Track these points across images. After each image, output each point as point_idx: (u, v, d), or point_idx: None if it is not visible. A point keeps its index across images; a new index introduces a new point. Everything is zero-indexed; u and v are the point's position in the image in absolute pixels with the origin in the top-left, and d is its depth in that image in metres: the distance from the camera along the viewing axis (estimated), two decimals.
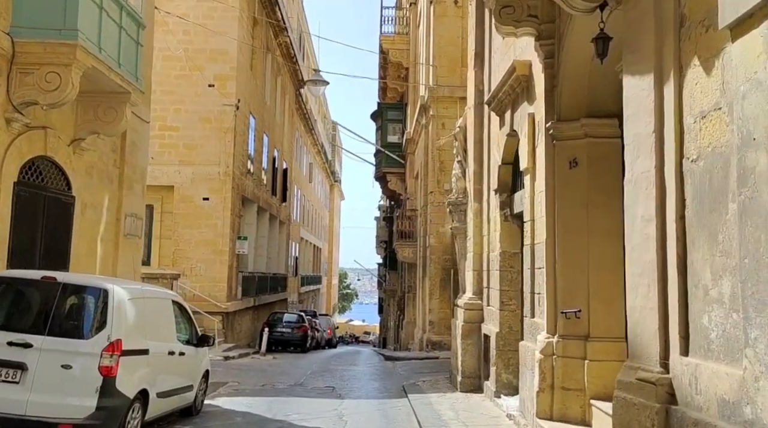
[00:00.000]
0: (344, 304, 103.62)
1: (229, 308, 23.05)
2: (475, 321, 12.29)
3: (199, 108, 23.40)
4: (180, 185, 23.25)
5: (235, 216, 24.18)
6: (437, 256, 19.96)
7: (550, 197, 7.48)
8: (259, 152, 29.13)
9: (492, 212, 11.71)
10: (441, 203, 19.90)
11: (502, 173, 10.91)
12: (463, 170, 13.69)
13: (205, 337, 9.82)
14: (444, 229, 20.00)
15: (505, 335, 10.64)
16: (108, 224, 12.05)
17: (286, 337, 26.58)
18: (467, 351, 12.21)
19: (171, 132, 23.34)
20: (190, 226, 23.09)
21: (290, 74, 37.91)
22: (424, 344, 20.34)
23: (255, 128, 27.80)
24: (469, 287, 12.82)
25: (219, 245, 23.14)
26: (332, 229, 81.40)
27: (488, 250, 11.89)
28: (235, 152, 23.75)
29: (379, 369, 17.55)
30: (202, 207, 23.21)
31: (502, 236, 10.85)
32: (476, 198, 12.65)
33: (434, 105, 20.16)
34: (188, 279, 22.85)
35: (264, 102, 29.91)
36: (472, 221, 12.70)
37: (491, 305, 11.48)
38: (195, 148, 23.35)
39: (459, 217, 13.58)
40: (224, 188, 23.32)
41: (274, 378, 14.96)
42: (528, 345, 8.44)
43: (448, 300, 19.79)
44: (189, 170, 23.26)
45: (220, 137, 23.37)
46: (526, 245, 8.94)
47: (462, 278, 13.62)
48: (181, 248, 23.04)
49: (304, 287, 50.90)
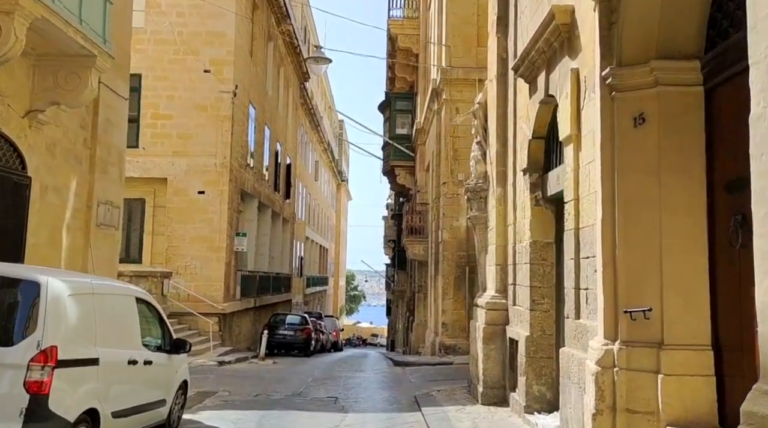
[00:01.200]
0: (352, 306, 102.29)
1: (226, 309, 21.48)
2: (498, 323, 10.65)
3: (194, 95, 21.86)
4: (173, 178, 21.72)
5: (233, 211, 22.62)
6: (451, 252, 18.32)
7: (607, 166, 5.84)
8: (260, 145, 27.58)
9: (519, 196, 10.08)
10: (455, 194, 18.30)
11: (532, 149, 9.28)
12: (483, 152, 12.06)
13: (181, 342, 8.23)
14: (458, 223, 18.39)
15: (537, 339, 9.01)
16: (76, 212, 10.49)
17: (288, 340, 25.00)
18: (489, 358, 10.57)
19: (164, 121, 21.81)
20: (185, 221, 21.55)
21: (294, 66, 36.38)
22: (436, 348, 18.70)
23: (255, 119, 26.25)
24: (491, 285, 11.19)
25: (215, 242, 21.58)
26: (339, 229, 79.96)
27: (514, 241, 10.26)
28: (233, 142, 22.19)
29: (388, 376, 15.93)
30: (197, 201, 21.67)
31: (533, 223, 9.21)
32: (499, 182, 11.02)
33: (447, 88, 18.53)
34: (182, 278, 21.31)
35: (265, 92, 28.36)
36: (494, 208, 11.07)
37: (518, 305, 9.85)
38: (190, 138, 21.82)
39: (478, 205, 11.95)
40: (221, 181, 21.76)
41: (270, 386, 13.36)
42: (573, 352, 6.80)
43: (463, 300, 18.16)
44: (183, 161, 21.72)
45: (216, 126, 21.81)
46: (567, 230, 7.30)
47: (482, 275, 11.99)
48: (175, 244, 21.50)
49: (309, 288, 49.37)
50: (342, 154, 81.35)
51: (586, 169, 6.79)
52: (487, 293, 11.36)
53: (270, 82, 29.78)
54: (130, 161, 21.65)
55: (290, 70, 35.54)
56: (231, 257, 22.44)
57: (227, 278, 21.98)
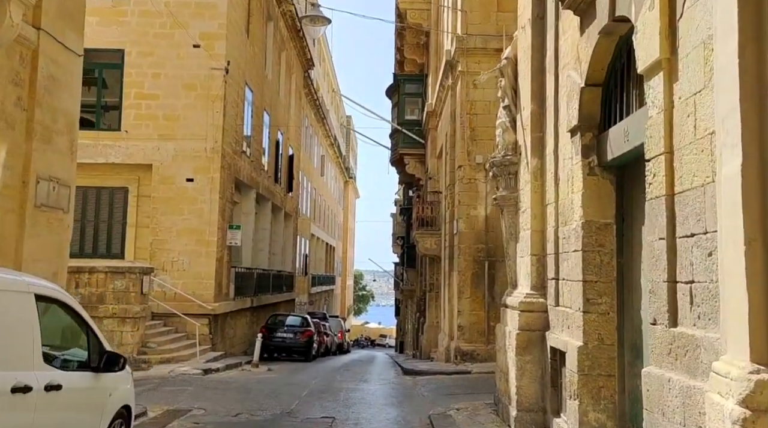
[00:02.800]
0: (360, 306, 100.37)
1: (217, 310, 19.36)
2: (535, 328, 8.44)
3: (182, 73, 19.77)
4: (159, 164, 19.61)
5: (226, 201, 20.49)
6: (468, 245, 16.12)
7: (749, 82, 3.62)
8: (258, 132, 25.46)
9: (563, 166, 7.87)
10: (472, 179, 16.10)
11: (585, 100, 7.07)
12: (512, 118, 9.86)
13: (113, 357, 6.06)
14: (476, 212, 16.18)
15: (593, 351, 6.80)
16: (6, 189, 8.37)
17: (288, 343, 22.90)
18: (525, 372, 8.36)
19: (149, 101, 19.72)
20: (171, 212, 19.44)
21: (297, 51, 34.24)
22: (451, 354, 16.50)
23: (253, 103, 24.13)
24: (525, 280, 8.99)
25: (205, 235, 19.46)
26: (347, 227, 77.96)
27: (556, 224, 8.06)
28: (225, 124, 20.07)
29: (397, 388, 13.75)
30: (185, 190, 19.56)
31: (586, 198, 7.00)
32: (534, 152, 8.82)
33: (463, 59, 16.33)
34: (168, 275, 19.22)
35: (264, 75, 26.24)
36: (529, 184, 8.87)
37: (564, 305, 7.65)
38: (177, 119, 19.71)
39: (506, 183, 9.75)
40: (212, 167, 19.63)
41: (257, 402, 11.21)
42: (672, 377, 4.59)
43: (482, 300, 15.96)
44: (170, 145, 19.62)
45: (207, 106, 19.69)
46: (652, 199, 5.11)
47: (511, 268, 9.78)
48: (161, 238, 19.41)
49: (315, 287, 47.28)
50: (349, 150, 79.35)
51: (687, 105, 4.58)
52: (519, 290, 9.17)
53: (270, 66, 27.66)
54: (112, 146, 19.71)
55: (293, 55, 33.41)
56: (223, 252, 20.32)
57: (219, 276, 19.87)
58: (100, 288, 15.93)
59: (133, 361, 15.78)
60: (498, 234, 15.91)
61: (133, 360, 15.79)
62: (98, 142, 19.43)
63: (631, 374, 6.56)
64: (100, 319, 15.71)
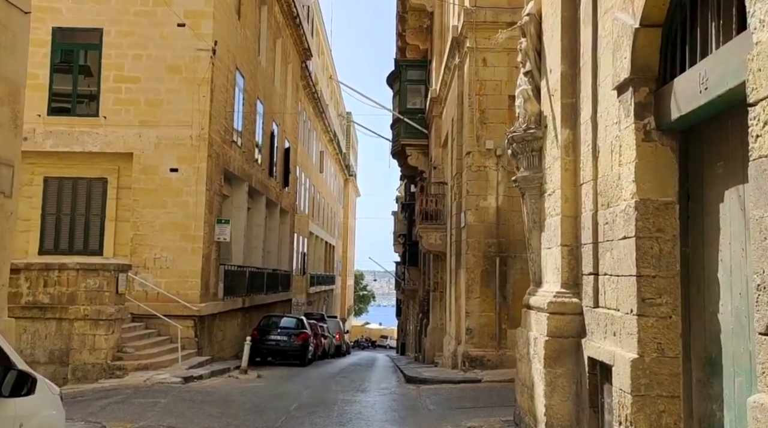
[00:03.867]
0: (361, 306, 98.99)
1: (204, 311, 17.84)
2: (568, 335, 6.93)
3: (165, 54, 18.25)
4: (141, 153, 18.10)
5: (214, 193, 18.98)
6: (477, 239, 14.60)
7: None
8: (251, 122, 23.94)
9: (605, 136, 6.36)
10: (482, 167, 14.58)
11: (640, 46, 5.55)
12: (536, 86, 8.35)
13: (22, 378, 4.54)
14: (486, 202, 14.65)
15: (652, 365, 5.29)
16: None
17: (281, 347, 21.37)
18: (556, 389, 6.84)
19: (129, 84, 18.20)
20: (153, 205, 17.93)
21: (294, 40, 32.73)
22: (458, 359, 14.99)
23: (244, 90, 22.62)
24: (553, 276, 7.48)
25: (190, 229, 17.95)
26: (347, 226, 76.48)
27: (594, 207, 6.55)
28: (213, 110, 18.55)
29: (398, 400, 12.22)
30: (169, 181, 18.04)
31: (641, 171, 5.49)
32: (565, 121, 7.31)
33: (472, 35, 14.81)
34: (150, 273, 17.71)
35: (257, 62, 24.72)
36: (558, 161, 7.36)
37: (607, 307, 6.14)
38: (160, 105, 18.19)
39: (528, 161, 8.23)
40: (198, 157, 18.12)
41: (237, 418, 9.70)
42: None
43: (493, 300, 14.45)
44: (152, 133, 18.10)
45: (192, 90, 18.17)
46: (762, 157, 3.57)
47: (536, 262, 8.25)
48: (142, 232, 17.89)
49: (313, 287, 45.77)
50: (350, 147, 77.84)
51: None
52: (546, 288, 7.65)
53: (264, 53, 26.15)
54: (89, 133, 18.21)
55: (289, 44, 31.89)
56: (211, 248, 18.81)
57: (206, 274, 18.35)
58: (70, 287, 14.43)
59: (107, 368, 14.30)
60: (510, 227, 14.41)
61: (106, 366, 14.32)
62: (74, 129, 17.95)
63: (704, 396, 5.06)
64: (71, 321, 14.27)
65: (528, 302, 8.04)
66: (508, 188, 14.64)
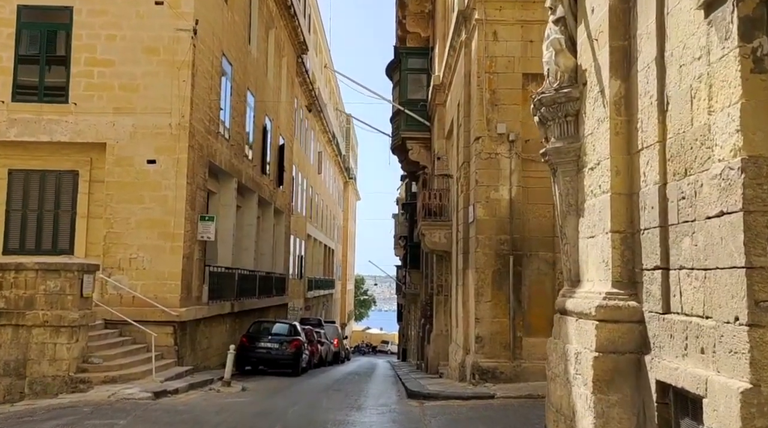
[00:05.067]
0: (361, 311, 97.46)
1: (184, 316, 16.13)
2: (624, 349, 5.23)
3: (142, 34, 16.59)
4: (115, 143, 16.42)
5: (197, 188, 17.30)
6: (488, 236, 12.90)
7: None
8: (240, 113, 22.29)
9: (679, 78, 4.68)
10: (493, 154, 12.91)
11: None
12: (569, 36, 6.66)
13: None
14: (498, 194, 12.96)
15: None
16: None
17: (273, 355, 19.64)
18: (610, 423, 5.13)
19: (102, 68, 16.54)
20: (129, 200, 16.25)
21: (288, 32, 31.10)
22: (467, 371, 13.27)
23: (233, 79, 20.97)
24: (598, 272, 5.79)
25: (170, 227, 16.26)
26: (347, 230, 74.88)
27: (662, 177, 4.87)
28: (195, 97, 16.89)
29: (399, 420, 10.47)
30: (146, 173, 16.36)
31: (748, 116, 3.81)
32: (615, 70, 5.64)
33: (481, 5, 13.14)
34: (125, 275, 16.02)
35: (247, 50, 23.07)
36: (606, 123, 5.67)
37: (686, 312, 4.45)
38: (136, 90, 16.52)
39: (561, 129, 6.56)
40: (178, 147, 16.44)
41: None
42: None
43: (506, 304, 12.74)
44: (128, 121, 16.43)
45: (171, 74, 16.50)
46: None
47: (571, 256, 6.54)
48: (116, 230, 16.20)
49: (311, 291, 44.07)
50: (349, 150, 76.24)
51: None
52: (588, 288, 5.96)
53: (255, 42, 24.52)
54: (58, 121, 16.53)
55: (283, 36, 30.25)
56: (194, 247, 17.12)
57: (187, 276, 16.65)
58: (29, 290, 12.76)
59: (69, 381, 12.60)
60: (526, 222, 12.73)
61: (69, 379, 12.61)
62: (41, 116, 16.28)
63: None
64: (29, 328, 12.61)
65: (564, 306, 6.33)
66: (522, 178, 12.97)
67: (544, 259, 12.91)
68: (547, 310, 12.68)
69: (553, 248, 12.87)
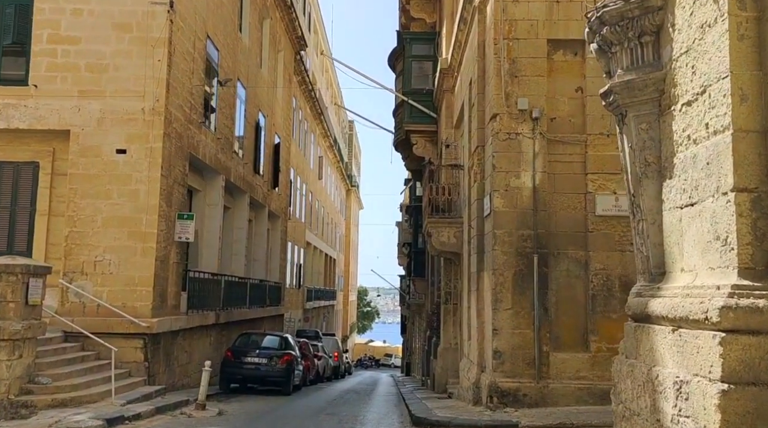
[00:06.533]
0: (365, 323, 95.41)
1: (157, 327, 14.09)
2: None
3: (111, 8, 14.70)
4: (80, 130, 14.48)
5: (174, 182, 15.32)
6: (507, 231, 10.86)
7: None
8: (229, 105, 20.35)
9: None
10: (513, 133, 10.90)
11: None
12: None
13: None
14: (519, 181, 10.93)
15: None
16: None
17: (261, 371, 17.55)
18: None
19: (67, 46, 14.63)
20: (95, 194, 14.28)
21: (285, 25, 29.22)
22: (482, 393, 11.19)
23: (219, 65, 19.05)
24: (705, 255, 3.75)
25: (141, 225, 14.27)
26: (349, 239, 72.80)
27: None
28: (172, 79, 14.95)
29: None
30: (114, 164, 14.41)
31: None
32: None
33: None
34: (90, 280, 14.03)
35: (237, 37, 21.17)
36: (722, 25, 3.66)
37: None
38: (105, 71, 14.59)
39: (634, 54, 4.57)
40: (151, 135, 14.48)
41: None
42: None
43: (530, 312, 10.67)
44: (95, 105, 14.49)
45: (145, 53, 14.58)
46: None
47: (653, 234, 4.48)
48: (80, 229, 14.22)
49: (311, 302, 41.96)
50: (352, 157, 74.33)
51: None
52: (687, 281, 3.91)
53: (247, 31, 22.64)
54: (16, 106, 14.58)
55: (279, 29, 28.36)
56: (170, 249, 15.11)
57: (161, 281, 14.64)
58: None
59: (8, 406, 10.54)
60: (552, 214, 10.70)
61: (8, 403, 10.57)
62: None
63: None
64: None
65: (645, 309, 4.28)
66: (548, 162, 10.95)
67: (574, 258, 10.86)
68: (578, 320, 10.65)
69: (586, 245, 10.84)
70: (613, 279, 10.72)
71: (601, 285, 10.74)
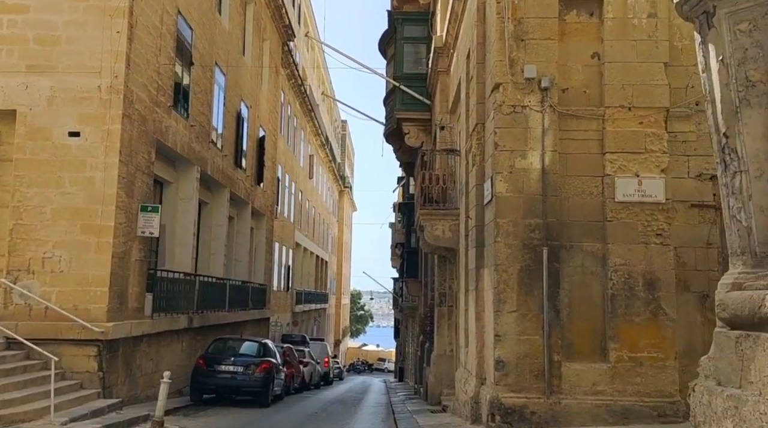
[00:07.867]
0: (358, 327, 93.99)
1: (114, 333, 12.44)
2: None
3: None
4: (28, 110, 12.84)
5: (136, 169, 13.68)
6: (512, 220, 9.26)
7: None
8: (205, 91, 18.72)
9: None
10: (519, 106, 9.31)
11: None
12: None
13: None
14: (526, 162, 9.33)
15: None
16: None
17: (237, 381, 15.91)
18: None
19: (13, 15, 13.01)
20: (44, 183, 12.65)
21: (271, 12, 27.61)
22: (483, 409, 9.58)
23: (194, 46, 17.44)
24: None
25: (96, 218, 12.63)
26: (342, 241, 71.20)
27: None
28: (134, 54, 13.34)
29: None
30: (66, 149, 12.78)
31: None
32: None
33: None
34: (37, 280, 12.39)
35: (215, 18, 19.56)
36: None
37: None
38: (57, 44, 12.97)
39: None
40: (109, 115, 12.85)
41: None
42: None
43: (539, 314, 9.07)
44: (45, 82, 12.86)
45: (102, 24, 12.97)
46: None
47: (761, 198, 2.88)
48: (27, 222, 12.57)
49: (300, 305, 40.35)
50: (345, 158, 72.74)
51: None
52: None
53: (227, 12, 21.04)
54: None
55: (264, 15, 26.75)
56: (131, 245, 13.47)
57: (120, 280, 13.00)
58: None
59: None
60: (564, 200, 9.11)
61: None
62: None
63: None
64: None
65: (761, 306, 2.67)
66: (560, 140, 9.36)
67: (590, 252, 9.27)
68: (595, 324, 9.05)
69: (604, 236, 9.26)
70: (636, 276, 9.14)
71: (621, 283, 9.15)
